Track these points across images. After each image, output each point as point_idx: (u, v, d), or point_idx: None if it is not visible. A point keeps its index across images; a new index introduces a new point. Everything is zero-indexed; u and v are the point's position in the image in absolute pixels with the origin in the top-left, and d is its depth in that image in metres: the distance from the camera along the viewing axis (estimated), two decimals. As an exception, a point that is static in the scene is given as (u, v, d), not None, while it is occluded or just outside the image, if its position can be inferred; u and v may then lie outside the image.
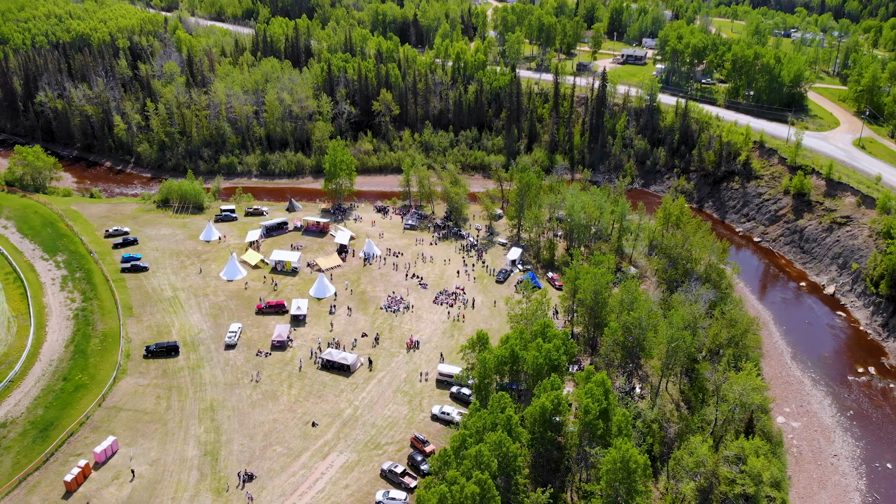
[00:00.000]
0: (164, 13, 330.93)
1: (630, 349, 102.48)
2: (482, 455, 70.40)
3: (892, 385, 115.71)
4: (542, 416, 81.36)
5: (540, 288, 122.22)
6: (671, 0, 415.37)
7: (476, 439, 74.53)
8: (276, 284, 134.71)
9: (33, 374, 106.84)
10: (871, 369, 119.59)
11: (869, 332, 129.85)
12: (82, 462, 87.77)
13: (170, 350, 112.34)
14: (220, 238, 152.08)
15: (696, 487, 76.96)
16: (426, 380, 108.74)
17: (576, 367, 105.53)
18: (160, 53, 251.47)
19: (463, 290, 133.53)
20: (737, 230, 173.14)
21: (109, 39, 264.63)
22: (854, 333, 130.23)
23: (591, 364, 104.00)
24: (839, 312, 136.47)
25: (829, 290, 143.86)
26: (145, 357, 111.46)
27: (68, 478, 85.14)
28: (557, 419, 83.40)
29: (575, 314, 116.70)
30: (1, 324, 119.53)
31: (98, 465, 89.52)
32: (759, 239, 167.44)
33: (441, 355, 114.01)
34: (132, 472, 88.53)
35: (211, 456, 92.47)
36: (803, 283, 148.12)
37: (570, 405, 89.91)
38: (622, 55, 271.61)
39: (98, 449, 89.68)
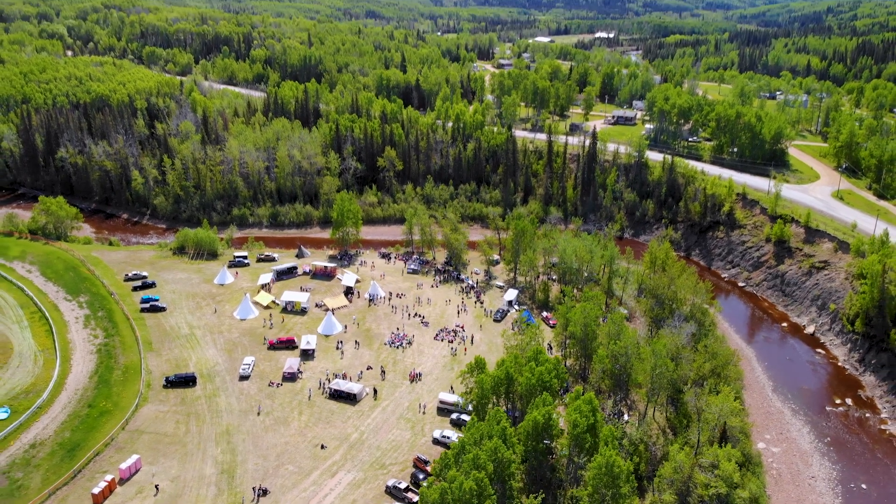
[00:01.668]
0: (179, 77, 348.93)
1: (617, 377, 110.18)
2: (479, 458, 77.70)
3: (867, 415, 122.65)
4: (534, 429, 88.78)
5: (534, 323, 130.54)
6: (660, 65, 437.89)
7: (474, 444, 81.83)
8: (283, 321, 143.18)
9: (60, 402, 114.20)
10: (849, 401, 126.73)
11: (847, 367, 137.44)
12: (108, 477, 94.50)
13: (188, 380, 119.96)
14: (234, 275, 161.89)
15: (676, 491, 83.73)
16: (424, 412, 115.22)
17: (566, 393, 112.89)
18: (176, 113, 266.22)
19: (462, 327, 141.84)
20: (723, 276, 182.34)
21: (128, 100, 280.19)
22: (833, 369, 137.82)
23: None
24: (819, 350, 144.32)
25: (810, 329, 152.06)
26: (165, 387, 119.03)
27: (95, 490, 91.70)
28: (547, 442, 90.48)
29: (567, 346, 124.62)
30: (28, 357, 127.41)
31: (123, 481, 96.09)
32: (743, 284, 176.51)
33: (451, 388, 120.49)
34: (156, 487, 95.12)
35: (227, 473, 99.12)
36: (785, 324, 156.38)
37: (561, 431, 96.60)
38: (613, 116, 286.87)
39: (123, 466, 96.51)
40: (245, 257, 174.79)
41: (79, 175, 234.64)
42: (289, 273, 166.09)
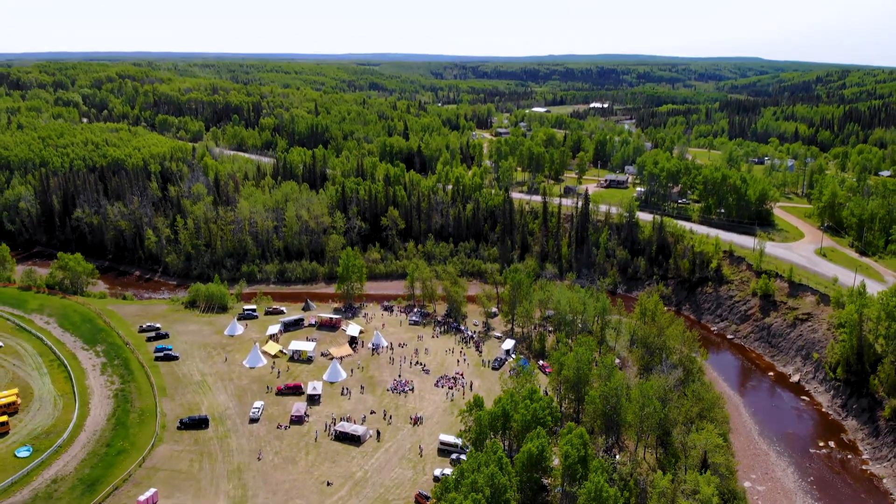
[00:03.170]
0: (191, 143, 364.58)
1: (608, 417, 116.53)
2: (477, 482, 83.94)
3: (850, 456, 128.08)
4: (528, 460, 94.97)
5: (528, 367, 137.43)
6: (652, 133, 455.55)
7: (472, 472, 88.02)
8: (289, 369, 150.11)
9: (79, 442, 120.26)
10: (832, 443, 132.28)
11: (830, 412, 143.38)
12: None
13: (201, 423, 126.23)
14: (244, 327, 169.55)
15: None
16: (422, 455, 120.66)
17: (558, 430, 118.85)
18: (188, 177, 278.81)
19: (462, 375, 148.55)
20: (712, 329, 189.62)
21: (142, 164, 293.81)
22: (817, 414, 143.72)
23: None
24: (803, 397, 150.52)
25: (795, 378, 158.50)
26: (179, 428, 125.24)
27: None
28: (539, 476, 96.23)
29: (561, 390, 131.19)
30: (48, 401, 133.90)
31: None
32: (731, 336, 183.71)
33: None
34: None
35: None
36: (772, 373, 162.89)
37: (554, 468, 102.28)
38: (605, 180, 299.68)
39: (141, 497, 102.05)
40: (254, 310, 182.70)
41: (93, 234, 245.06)
42: (296, 325, 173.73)
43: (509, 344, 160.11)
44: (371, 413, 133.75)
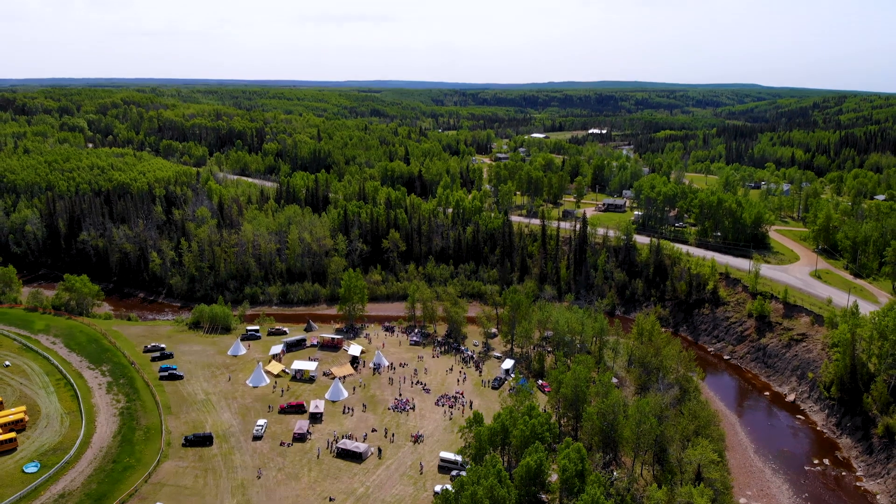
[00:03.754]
0: (195, 168, 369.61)
1: (606, 433, 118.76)
2: (476, 494, 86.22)
3: (844, 473, 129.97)
4: (527, 474, 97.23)
5: (526, 385, 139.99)
6: (650, 158, 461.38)
7: (472, 484, 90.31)
8: (289, 388, 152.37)
9: (86, 458, 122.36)
10: (826, 461, 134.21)
11: (825, 431, 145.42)
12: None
13: (205, 440, 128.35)
14: (247, 347, 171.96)
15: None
16: (422, 472, 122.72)
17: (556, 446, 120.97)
18: (192, 200, 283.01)
19: (462, 393, 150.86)
20: (709, 350, 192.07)
21: (147, 188, 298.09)
22: (812, 432, 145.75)
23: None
24: (798, 416, 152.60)
25: (790, 397, 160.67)
26: (184, 445, 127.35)
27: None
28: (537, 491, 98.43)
29: (560, 408, 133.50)
30: (55, 418, 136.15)
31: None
32: (728, 357, 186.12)
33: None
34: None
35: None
36: (767, 393, 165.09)
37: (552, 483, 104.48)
38: (603, 204, 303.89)
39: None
40: (257, 331, 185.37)
41: (98, 257, 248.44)
42: (298, 345, 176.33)
43: (509, 364, 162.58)
44: (372, 431, 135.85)
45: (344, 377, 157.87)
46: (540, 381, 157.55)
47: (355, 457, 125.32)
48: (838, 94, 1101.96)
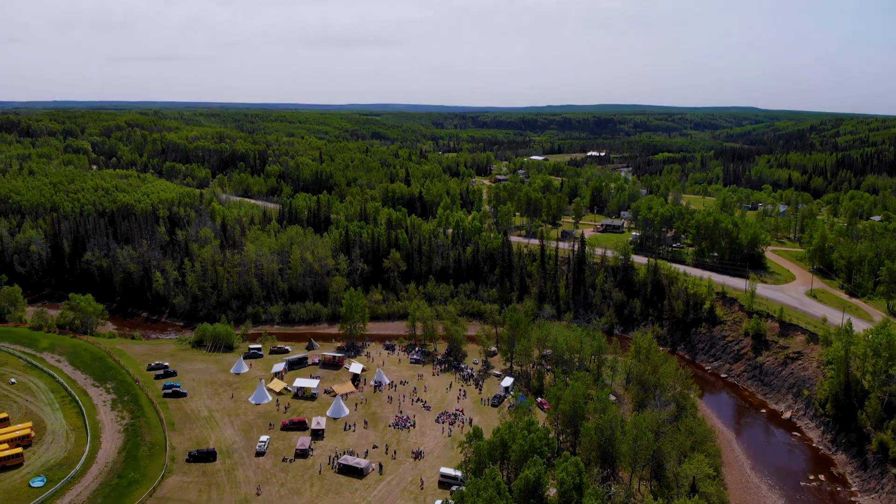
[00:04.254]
0: (198, 189, 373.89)
1: (604, 448, 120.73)
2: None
3: (839, 488, 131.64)
4: (525, 487, 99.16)
5: (525, 401, 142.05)
6: (648, 180, 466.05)
7: (472, 497, 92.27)
8: (290, 406, 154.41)
9: (91, 473, 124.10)
10: (822, 477, 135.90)
11: (820, 447, 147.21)
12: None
13: (209, 455, 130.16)
14: (249, 365, 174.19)
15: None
16: (423, 488, 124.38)
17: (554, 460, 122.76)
18: (196, 221, 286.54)
19: (462, 411, 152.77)
20: (707, 369, 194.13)
21: (151, 209, 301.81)
22: (807, 448, 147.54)
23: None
24: (794, 433, 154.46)
25: (787, 415, 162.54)
26: (188, 461, 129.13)
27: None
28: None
29: (558, 424, 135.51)
30: (60, 434, 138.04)
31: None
32: (725, 375, 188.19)
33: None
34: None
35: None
36: (764, 411, 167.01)
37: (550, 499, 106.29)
38: (602, 225, 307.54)
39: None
40: (259, 349, 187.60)
41: (102, 276, 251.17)
42: (300, 363, 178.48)
43: (508, 382, 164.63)
44: (373, 447, 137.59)
45: (345, 394, 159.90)
46: (539, 399, 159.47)
47: (357, 472, 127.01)
48: (835, 117, 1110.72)
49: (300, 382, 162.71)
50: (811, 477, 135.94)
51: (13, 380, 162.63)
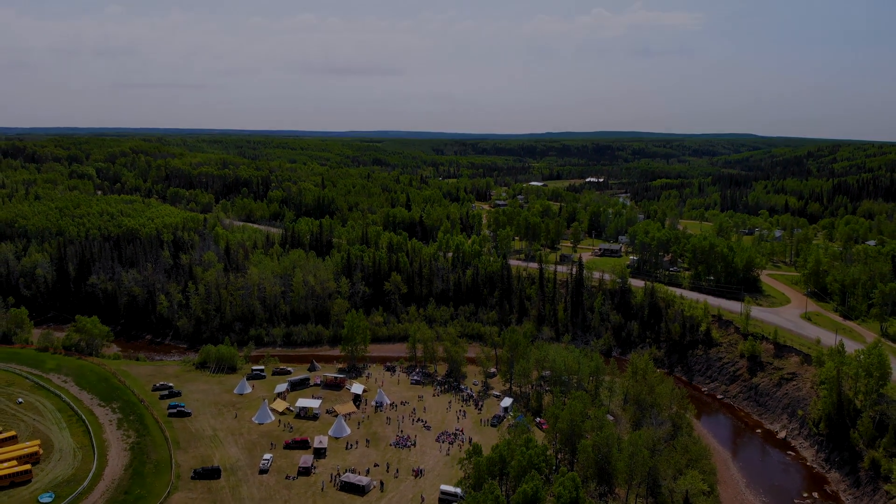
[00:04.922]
0: (202, 214, 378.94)
1: (600, 465, 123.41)
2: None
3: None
4: (524, 501, 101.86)
5: (523, 420, 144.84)
6: (646, 205, 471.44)
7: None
8: (292, 426, 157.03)
9: (99, 489, 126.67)
10: (815, 494, 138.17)
11: (815, 466, 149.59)
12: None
13: (213, 472, 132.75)
14: (252, 386, 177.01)
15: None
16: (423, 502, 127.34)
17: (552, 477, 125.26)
18: (199, 245, 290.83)
19: (461, 430, 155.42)
20: (703, 390, 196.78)
21: (155, 233, 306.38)
22: (802, 467, 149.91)
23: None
24: (789, 452, 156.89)
25: (782, 434, 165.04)
26: (193, 478, 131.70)
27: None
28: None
29: (556, 442, 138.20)
30: (67, 452, 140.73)
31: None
32: (721, 396, 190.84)
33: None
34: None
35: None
36: (759, 430, 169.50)
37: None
38: (599, 249, 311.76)
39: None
40: (262, 370, 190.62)
41: (107, 299, 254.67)
42: (302, 384, 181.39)
43: (507, 402, 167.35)
44: (375, 466, 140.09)
45: (347, 414, 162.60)
46: (537, 419, 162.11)
47: (358, 489, 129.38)
48: (832, 143, 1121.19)
49: (302, 402, 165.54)
50: (805, 494, 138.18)
51: (20, 399, 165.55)
